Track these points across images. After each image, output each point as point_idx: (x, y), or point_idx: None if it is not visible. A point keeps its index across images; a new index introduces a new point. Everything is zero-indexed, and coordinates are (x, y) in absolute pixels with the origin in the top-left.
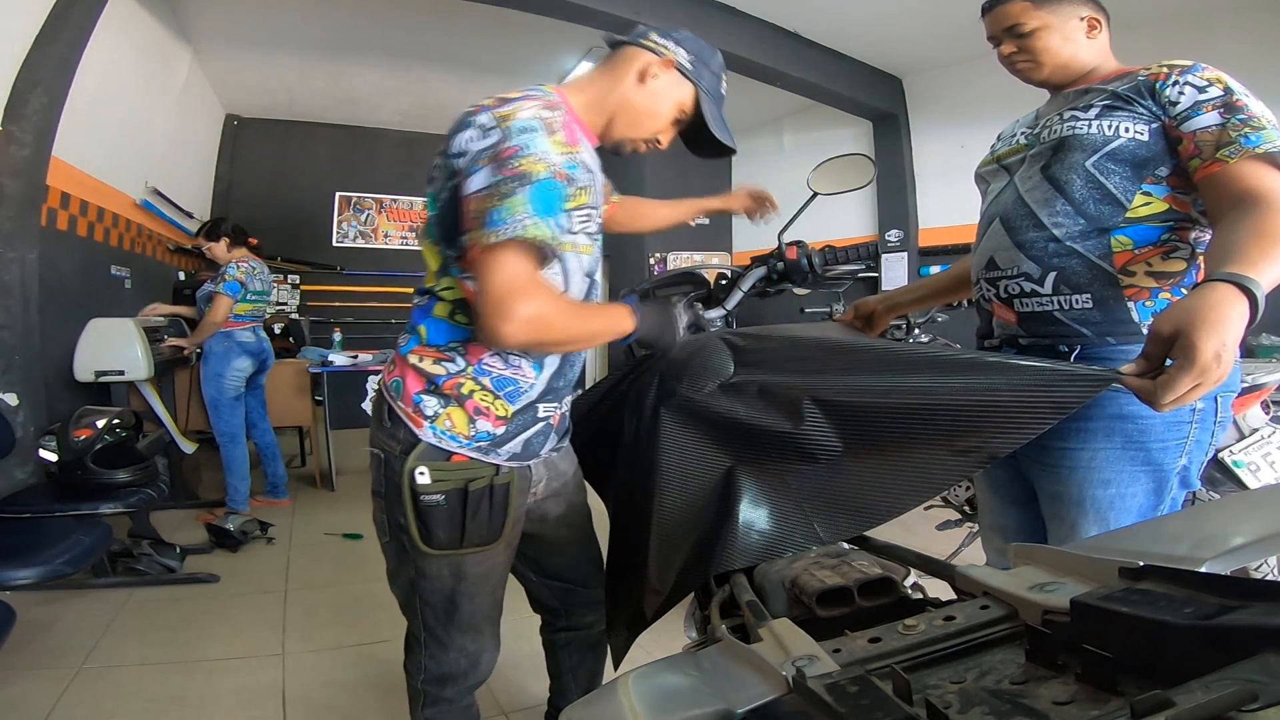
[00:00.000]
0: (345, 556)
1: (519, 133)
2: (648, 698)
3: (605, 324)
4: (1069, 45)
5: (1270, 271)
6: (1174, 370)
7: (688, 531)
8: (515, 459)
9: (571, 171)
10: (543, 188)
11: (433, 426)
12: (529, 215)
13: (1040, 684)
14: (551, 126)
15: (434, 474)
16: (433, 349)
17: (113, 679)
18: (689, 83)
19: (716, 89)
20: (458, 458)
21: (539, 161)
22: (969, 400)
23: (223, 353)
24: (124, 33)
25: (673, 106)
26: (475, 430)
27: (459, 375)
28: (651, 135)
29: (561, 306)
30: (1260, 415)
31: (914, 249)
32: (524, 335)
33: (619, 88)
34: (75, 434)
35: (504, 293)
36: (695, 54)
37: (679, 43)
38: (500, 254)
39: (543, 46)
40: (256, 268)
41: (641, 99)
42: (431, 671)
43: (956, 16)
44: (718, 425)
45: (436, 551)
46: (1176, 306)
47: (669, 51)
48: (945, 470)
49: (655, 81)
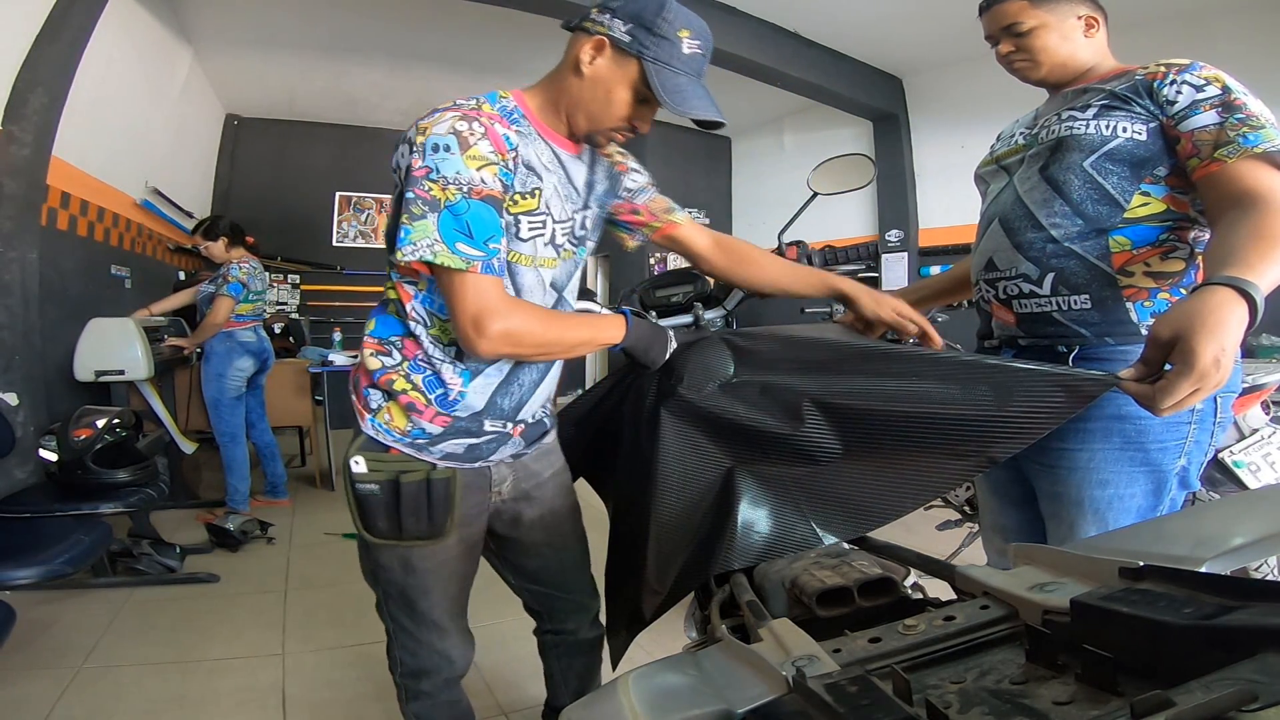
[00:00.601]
0: (345, 556)
1: (430, 151)
2: (648, 698)
3: (590, 333)
4: (1067, 44)
5: (1269, 274)
6: (1173, 375)
7: (687, 532)
8: (453, 459)
9: (505, 180)
10: (451, 213)
11: (373, 419)
12: (436, 241)
13: (1040, 684)
14: (466, 140)
15: (369, 464)
16: (375, 340)
17: (113, 679)
18: (631, 57)
19: (673, 52)
20: (394, 451)
21: (449, 185)
22: (968, 405)
23: (225, 353)
24: (124, 32)
25: (623, 89)
26: (411, 426)
27: (393, 370)
28: (617, 123)
29: (534, 318)
30: (1260, 415)
31: (914, 249)
32: (498, 349)
33: (565, 82)
34: (75, 434)
35: (474, 313)
36: (634, 18)
37: (614, 13)
38: (462, 277)
39: (543, 46)
40: (256, 267)
41: (585, 91)
42: (407, 665)
43: (956, 16)
44: (717, 426)
45: (379, 540)
46: (1175, 311)
47: (602, 29)
48: (945, 474)
49: (592, 68)
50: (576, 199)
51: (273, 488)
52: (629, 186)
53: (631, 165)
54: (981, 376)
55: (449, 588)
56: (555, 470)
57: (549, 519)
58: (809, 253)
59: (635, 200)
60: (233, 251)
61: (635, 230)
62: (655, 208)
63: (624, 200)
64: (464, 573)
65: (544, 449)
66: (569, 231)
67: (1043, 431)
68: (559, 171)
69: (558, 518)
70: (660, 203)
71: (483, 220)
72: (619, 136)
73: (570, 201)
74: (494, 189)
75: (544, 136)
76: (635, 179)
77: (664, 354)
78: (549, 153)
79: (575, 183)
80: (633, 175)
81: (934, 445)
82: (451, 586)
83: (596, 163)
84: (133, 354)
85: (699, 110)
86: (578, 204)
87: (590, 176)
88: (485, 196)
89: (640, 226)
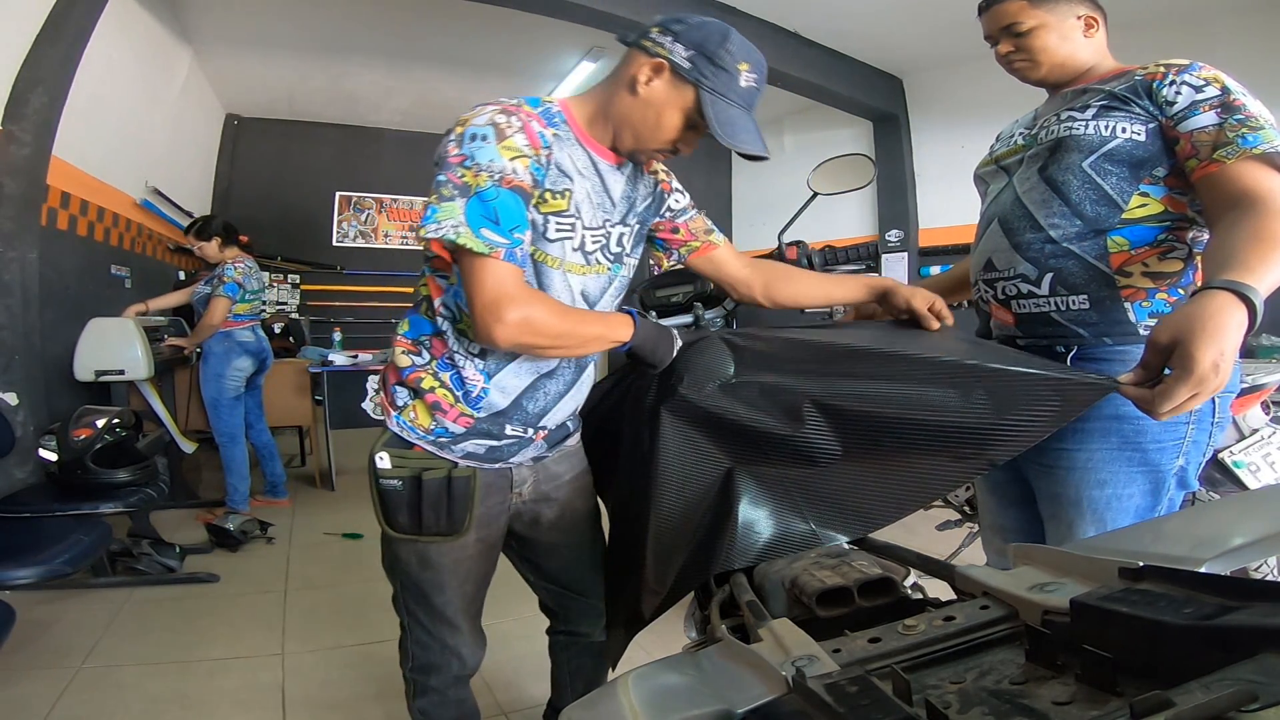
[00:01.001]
0: (345, 556)
1: (468, 140)
2: (647, 698)
3: (602, 329)
4: (1066, 44)
5: (1269, 276)
6: (1172, 380)
7: (686, 532)
8: (474, 459)
9: (536, 174)
10: (480, 199)
11: (399, 417)
12: (461, 224)
13: (1040, 684)
14: (503, 132)
15: (393, 460)
16: (408, 340)
17: (113, 679)
18: (688, 84)
19: (730, 84)
20: (417, 448)
21: (481, 172)
22: (968, 410)
23: (223, 353)
24: (124, 33)
25: (675, 113)
26: (434, 425)
27: (422, 369)
28: (662, 146)
29: (550, 309)
30: (1260, 416)
31: (914, 249)
32: (514, 337)
33: (616, 98)
34: (75, 433)
35: (492, 298)
36: (697, 46)
37: (677, 37)
38: (483, 261)
39: (543, 46)
40: (252, 266)
41: (637, 110)
42: (417, 660)
43: (957, 16)
44: (717, 426)
45: (399, 535)
46: (1175, 315)
47: (663, 51)
48: (944, 477)
49: (648, 88)
50: (610, 209)
51: (272, 487)
52: (672, 206)
53: (675, 185)
54: (981, 380)
55: (465, 586)
56: (576, 473)
57: (567, 520)
58: (809, 253)
59: (677, 220)
60: (226, 251)
61: (672, 249)
62: (695, 227)
63: (666, 219)
64: (480, 572)
65: (566, 451)
66: (602, 243)
67: (1042, 435)
68: (594, 179)
69: (576, 520)
70: (700, 223)
71: (510, 209)
72: (661, 157)
73: (603, 210)
74: (524, 180)
75: (583, 143)
76: (679, 199)
77: (670, 354)
78: (585, 159)
79: (611, 193)
80: (676, 195)
81: (933, 449)
82: (468, 585)
83: (639, 179)
84: (133, 354)
85: (747, 145)
86: (612, 215)
87: (630, 191)
88: (515, 186)
89: (679, 246)
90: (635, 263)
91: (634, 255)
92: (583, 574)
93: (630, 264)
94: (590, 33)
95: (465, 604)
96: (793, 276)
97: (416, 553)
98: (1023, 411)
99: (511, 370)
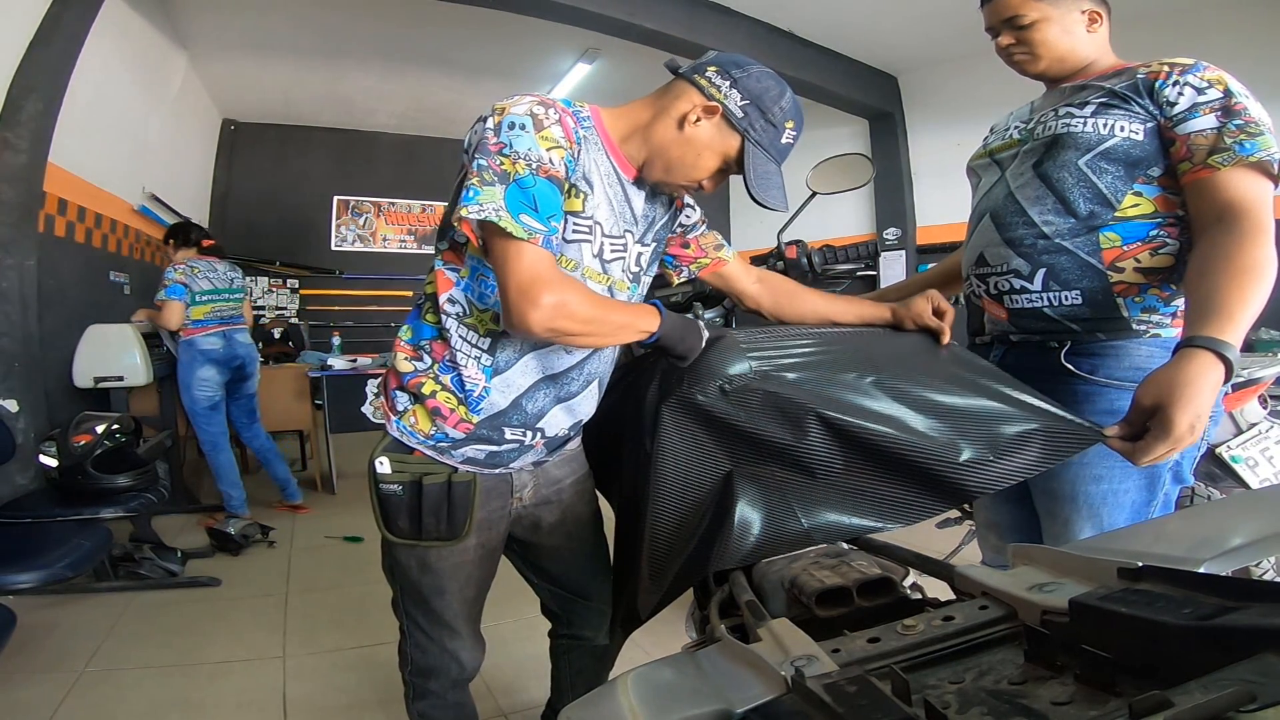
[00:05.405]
0: (346, 560)
1: (506, 128)
2: (647, 697)
3: (630, 317)
4: (1068, 38)
5: (1245, 320)
6: (1151, 438)
7: (684, 530)
8: (473, 464)
9: (569, 166)
10: (519, 186)
11: (399, 421)
12: (502, 209)
13: (1039, 684)
14: (541, 122)
15: (393, 464)
16: (409, 346)
17: (114, 682)
18: (736, 132)
19: (774, 139)
20: (417, 453)
21: (519, 160)
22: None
23: (187, 362)
24: (118, 38)
25: (714, 157)
26: (434, 430)
27: (423, 374)
28: (689, 182)
29: (583, 295)
30: (1258, 410)
31: (912, 247)
32: (548, 321)
33: (659, 127)
34: (75, 439)
35: (527, 281)
36: (753, 97)
37: (735, 83)
38: (520, 246)
39: (538, 49)
40: (200, 266)
41: (678, 146)
42: (416, 663)
43: (952, 14)
44: (718, 428)
45: (399, 540)
46: (1158, 377)
47: (719, 95)
48: (938, 499)
49: (695, 127)
50: (631, 221)
51: (284, 491)
52: (683, 222)
53: (687, 200)
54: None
55: (464, 590)
56: (577, 476)
57: (568, 524)
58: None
59: (688, 235)
60: (178, 253)
61: (682, 266)
62: (705, 243)
63: (677, 235)
64: (480, 577)
65: (566, 455)
66: (622, 256)
67: (1029, 476)
68: (616, 187)
69: (578, 523)
70: (710, 239)
71: (547, 197)
72: (683, 192)
73: (624, 220)
74: (559, 171)
75: (610, 153)
76: (690, 214)
77: (699, 345)
78: (609, 166)
79: (633, 207)
80: (688, 210)
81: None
82: (468, 590)
83: (658, 198)
84: (131, 360)
85: (772, 202)
86: (634, 229)
87: (650, 210)
88: (550, 176)
89: (689, 262)
90: (649, 282)
91: (649, 275)
92: (585, 577)
93: (645, 284)
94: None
95: (465, 608)
96: (799, 295)
97: (416, 557)
98: (1015, 455)
99: (519, 369)
